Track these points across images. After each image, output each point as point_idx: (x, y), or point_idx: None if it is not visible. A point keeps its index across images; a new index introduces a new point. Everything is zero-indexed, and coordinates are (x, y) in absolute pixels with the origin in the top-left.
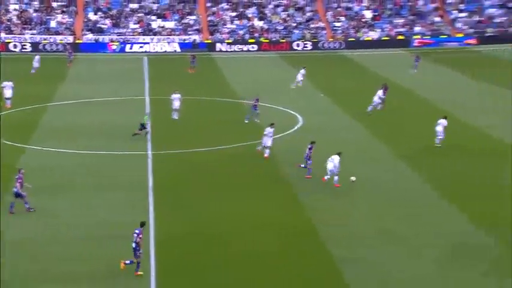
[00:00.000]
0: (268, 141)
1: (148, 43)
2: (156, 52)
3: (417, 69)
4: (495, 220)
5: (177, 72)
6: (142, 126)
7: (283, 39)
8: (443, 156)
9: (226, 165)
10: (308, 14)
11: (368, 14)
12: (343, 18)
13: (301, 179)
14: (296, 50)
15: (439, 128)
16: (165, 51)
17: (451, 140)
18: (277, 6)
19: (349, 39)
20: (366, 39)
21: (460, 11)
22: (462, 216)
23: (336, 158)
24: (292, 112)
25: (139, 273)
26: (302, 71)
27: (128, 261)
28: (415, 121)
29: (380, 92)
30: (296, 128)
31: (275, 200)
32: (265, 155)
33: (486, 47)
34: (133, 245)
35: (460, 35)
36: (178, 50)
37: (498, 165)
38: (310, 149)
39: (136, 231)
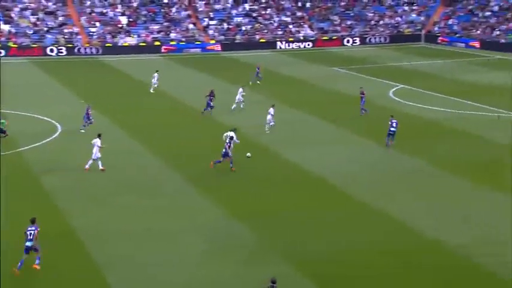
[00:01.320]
0: (97, 153)
1: None
2: None
3: (260, 79)
4: (250, 211)
5: None
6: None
7: (34, 44)
8: (201, 156)
9: None
10: (61, 19)
11: (123, 20)
12: (98, 24)
13: (60, 187)
14: (50, 55)
15: (269, 116)
16: None
17: (208, 139)
18: (24, 9)
19: (106, 45)
20: (123, 44)
21: (211, 18)
22: (220, 209)
23: (231, 133)
24: (49, 120)
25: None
26: (155, 75)
27: (37, 262)
28: (169, 120)
29: (241, 90)
30: (55, 135)
31: (35, 208)
32: (101, 168)
33: (231, 52)
34: (29, 243)
35: (213, 41)
36: None
37: (253, 159)
38: (229, 143)
39: (33, 228)
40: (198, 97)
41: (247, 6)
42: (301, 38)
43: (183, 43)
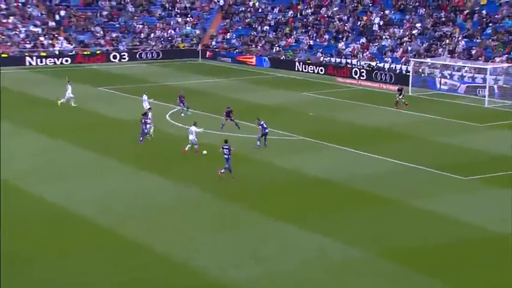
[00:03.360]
0: None
1: None
2: None
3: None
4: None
5: None
6: None
7: None
8: None
9: None
10: None
11: None
12: None
13: None
14: None
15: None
16: None
17: None
18: None
19: None
20: None
21: None
22: None
23: (193, 128)
24: None
25: None
26: (68, 86)
27: None
28: None
29: (145, 97)
30: None
31: None
32: None
33: None
34: None
35: None
36: None
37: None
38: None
39: None
40: None
41: None
42: (57, 52)
43: None
